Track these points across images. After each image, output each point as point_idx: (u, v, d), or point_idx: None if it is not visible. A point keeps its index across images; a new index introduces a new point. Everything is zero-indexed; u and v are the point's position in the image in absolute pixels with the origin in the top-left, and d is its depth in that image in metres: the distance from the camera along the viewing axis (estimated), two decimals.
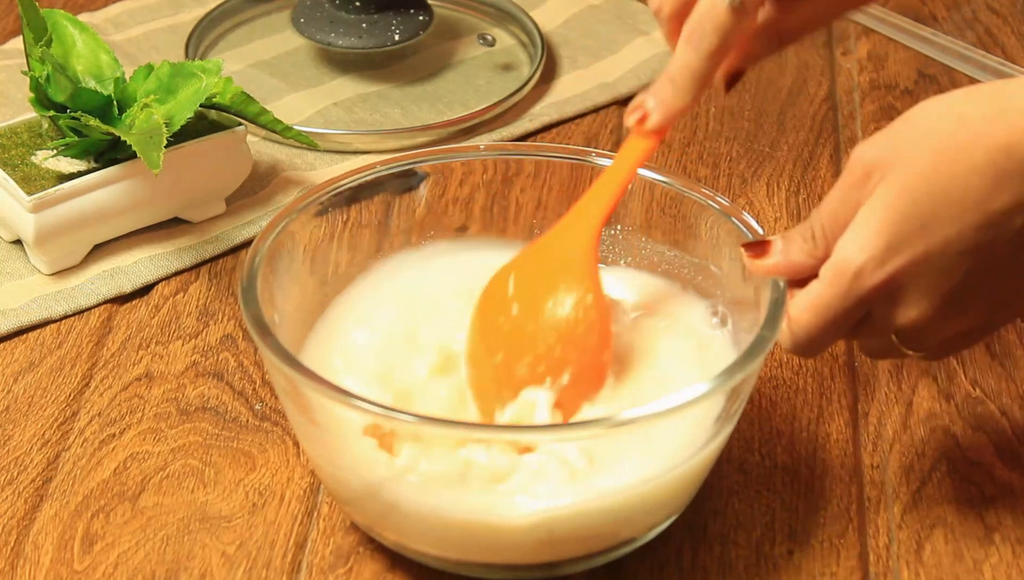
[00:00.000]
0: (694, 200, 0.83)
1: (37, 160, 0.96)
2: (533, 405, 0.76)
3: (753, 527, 0.81)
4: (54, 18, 0.97)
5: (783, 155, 1.07)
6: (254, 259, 0.78)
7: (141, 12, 1.20)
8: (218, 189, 1.00)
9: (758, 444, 0.85)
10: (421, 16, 1.13)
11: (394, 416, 0.71)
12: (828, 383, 0.89)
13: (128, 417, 0.87)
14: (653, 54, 1.16)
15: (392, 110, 1.10)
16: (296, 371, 0.72)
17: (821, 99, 1.13)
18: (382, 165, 0.84)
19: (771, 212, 1.01)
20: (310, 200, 0.82)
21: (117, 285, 0.95)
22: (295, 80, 1.12)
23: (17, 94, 1.09)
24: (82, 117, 0.93)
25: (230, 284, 0.96)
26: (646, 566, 0.79)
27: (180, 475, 0.83)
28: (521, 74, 1.13)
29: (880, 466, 0.84)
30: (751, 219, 0.80)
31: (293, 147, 1.06)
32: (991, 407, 0.87)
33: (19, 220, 0.94)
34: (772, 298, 0.76)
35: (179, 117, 0.94)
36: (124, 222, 0.97)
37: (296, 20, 1.13)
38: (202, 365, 0.90)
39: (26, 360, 0.90)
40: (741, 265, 0.78)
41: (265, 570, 0.78)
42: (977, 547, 0.80)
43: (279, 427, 0.86)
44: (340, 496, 0.78)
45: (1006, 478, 0.83)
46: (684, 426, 0.74)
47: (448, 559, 0.77)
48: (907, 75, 1.15)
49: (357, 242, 0.85)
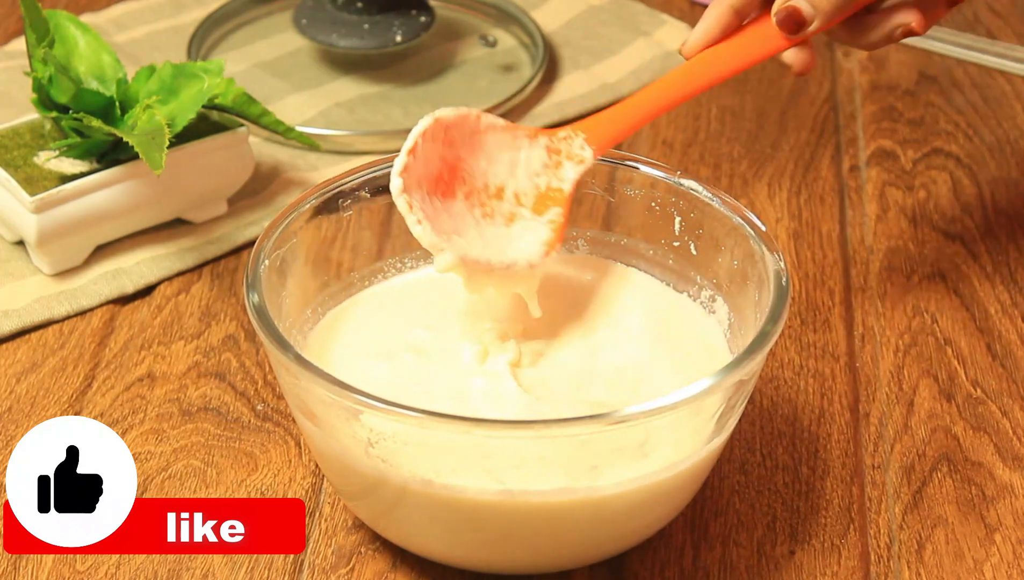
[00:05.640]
0: (695, 198, 0.83)
1: (39, 161, 0.96)
2: (499, 377, 0.78)
3: (754, 527, 0.81)
4: (56, 19, 0.97)
5: (784, 155, 1.07)
6: (257, 259, 0.78)
7: (143, 13, 1.20)
8: (220, 190, 1.00)
9: (759, 444, 0.85)
10: (423, 17, 1.13)
11: (398, 411, 0.71)
12: (829, 383, 0.89)
13: (130, 417, 0.87)
14: (654, 55, 1.16)
15: (394, 111, 1.10)
16: (301, 366, 0.72)
17: (822, 100, 1.13)
18: (385, 163, 0.84)
19: (772, 212, 1.01)
20: (311, 199, 0.82)
21: (119, 286, 0.95)
22: (297, 81, 1.13)
23: (20, 95, 1.09)
24: (84, 118, 0.93)
25: (232, 285, 0.96)
26: (647, 566, 0.79)
27: (182, 475, 0.83)
28: (522, 75, 1.13)
29: (881, 466, 0.84)
30: (752, 215, 0.80)
31: (295, 148, 1.06)
32: (992, 407, 0.87)
33: (21, 221, 0.94)
34: (773, 296, 0.76)
35: (181, 118, 0.94)
36: (126, 223, 0.97)
37: (298, 21, 1.13)
38: (204, 365, 0.90)
39: (29, 360, 0.90)
40: (738, 261, 0.78)
41: (267, 570, 0.78)
42: (978, 547, 0.80)
43: (281, 427, 0.86)
44: (344, 491, 0.78)
45: (1006, 478, 0.83)
46: (685, 424, 0.74)
47: (452, 555, 0.77)
48: (908, 76, 1.15)
49: (359, 242, 0.85)
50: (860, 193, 1.04)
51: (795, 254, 0.98)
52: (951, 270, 0.97)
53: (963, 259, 0.98)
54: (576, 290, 0.85)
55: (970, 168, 1.06)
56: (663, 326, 0.83)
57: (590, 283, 0.86)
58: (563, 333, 0.82)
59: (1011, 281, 0.96)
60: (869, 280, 0.96)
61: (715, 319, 0.83)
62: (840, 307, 0.94)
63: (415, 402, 0.73)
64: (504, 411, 0.77)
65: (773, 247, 0.79)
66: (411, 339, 0.82)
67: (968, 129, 1.10)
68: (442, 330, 0.82)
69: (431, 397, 0.78)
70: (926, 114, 1.11)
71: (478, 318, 0.82)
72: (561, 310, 0.84)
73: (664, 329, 0.82)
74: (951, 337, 0.92)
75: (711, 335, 0.82)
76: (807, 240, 0.99)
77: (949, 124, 1.10)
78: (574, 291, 0.85)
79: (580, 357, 0.81)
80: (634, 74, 1.14)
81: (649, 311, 0.84)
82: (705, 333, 0.82)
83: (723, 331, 0.82)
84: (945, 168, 1.06)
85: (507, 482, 0.73)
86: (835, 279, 0.96)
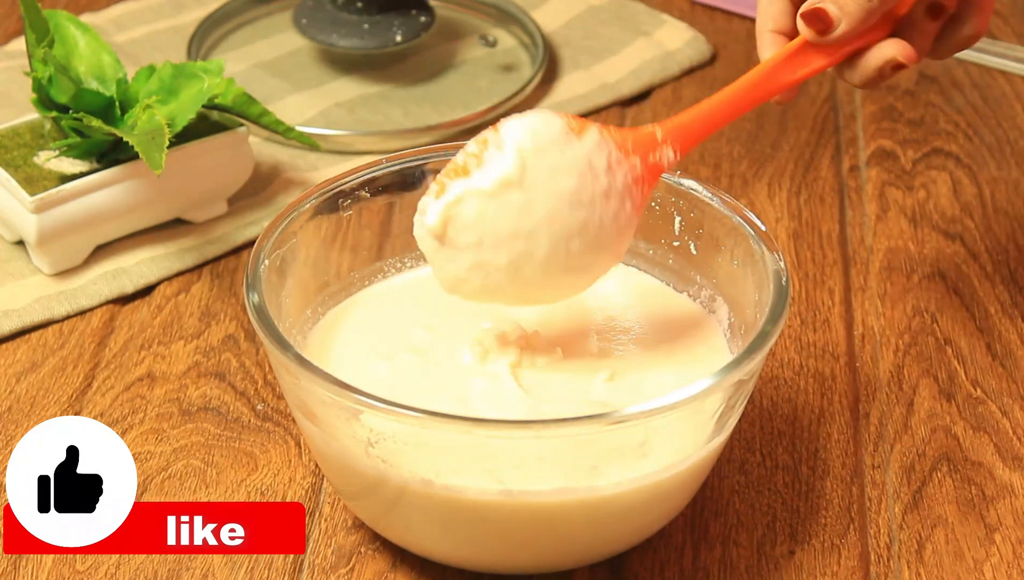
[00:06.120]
0: (695, 197, 0.83)
1: (39, 161, 0.96)
2: (499, 377, 0.78)
3: (754, 527, 0.81)
4: (56, 19, 0.97)
5: (784, 155, 1.07)
6: (257, 258, 0.78)
7: (143, 13, 1.20)
8: (220, 190, 1.00)
9: (759, 444, 0.85)
10: (423, 17, 1.13)
11: (398, 411, 0.71)
12: (829, 383, 0.89)
13: (130, 417, 0.87)
14: (654, 55, 1.16)
15: (394, 111, 1.10)
16: (301, 366, 0.72)
17: (822, 100, 1.13)
18: (387, 161, 0.84)
19: (772, 212, 1.01)
20: (311, 199, 0.82)
21: (119, 285, 0.95)
22: (297, 81, 1.13)
23: (19, 95, 1.09)
24: (84, 118, 0.93)
25: (232, 285, 0.96)
26: (647, 566, 0.79)
27: (182, 475, 0.83)
28: (522, 75, 1.13)
29: (881, 466, 0.84)
30: (752, 215, 0.80)
31: (295, 148, 1.06)
32: (992, 407, 0.87)
33: (21, 221, 0.94)
34: (773, 296, 0.76)
35: (181, 118, 0.94)
36: (126, 223, 0.97)
37: (298, 21, 1.13)
38: (204, 365, 0.90)
39: (28, 360, 0.90)
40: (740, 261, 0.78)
41: (267, 570, 0.78)
42: (978, 547, 0.80)
43: (281, 427, 0.86)
44: (344, 491, 0.78)
45: (1006, 478, 0.83)
46: (685, 424, 0.74)
47: (452, 555, 0.77)
48: (908, 76, 1.15)
49: (359, 242, 0.85)
50: (860, 193, 1.04)
51: (795, 254, 0.98)
52: (951, 270, 0.97)
53: (963, 259, 0.98)
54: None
55: (970, 168, 1.06)
56: (663, 326, 0.83)
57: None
58: (563, 333, 0.82)
59: (1011, 281, 0.96)
60: (869, 280, 0.96)
61: (715, 319, 0.83)
62: (840, 307, 0.94)
63: (415, 402, 0.73)
64: (504, 411, 0.77)
65: (773, 247, 0.79)
66: (411, 339, 0.82)
67: (968, 129, 1.10)
68: (442, 330, 0.82)
69: (431, 397, 0.78)
70: (926, 114, 1.11)
71: (478, 318, 0.82)
72: (561, 310, 0.84)
73: (664, 329, 0.83)
74: (951, 337, 0.92)
75: (711, 335, 0.82)
76: (807, 240, 0.99)
77: (949, 124, 1.10)
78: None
79: (580, 357, 0.81)
80: (634, 74, 1.14)
81: (649, 311, 0.84)
82: (705, 333, 0.82)
83: (723, 331, 0.82)
84: (945, 168, 1.06)
85: (507, 482, 0.73)
86: (835, 279, 0.96)
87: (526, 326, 0.82)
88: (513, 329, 0.81)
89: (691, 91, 1.13)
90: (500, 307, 0.83)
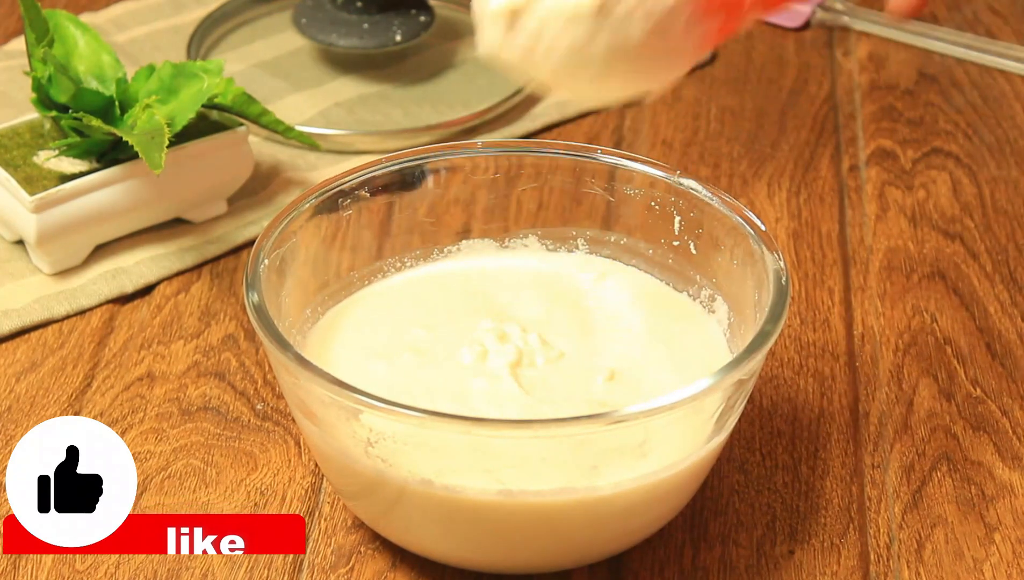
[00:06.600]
0: (694, 197, 0.83)
1: (39, 160, 0.96)
2: (499, 377, 0.78)
3: (754, 527, 0.81)
4: (56, 19, 0.97)
5: (784, 155, 1.07)
6: (257, 258, 0.78)
7: (143, 12, 1.20)
8: (220, 189, 1.00)
9: (759, 444, 0.85)
10: (423, 17, 1.13)
11: (398, 411, 0.71)
12: (829, 383, 0.89)
13: (130, 417, 0.87)
14: None
15: (394, 110, 1.10)
16: (301, 366, 0.72)
17: (822, 99, 1.13)
18: (387, 161, 0.84)
19: (772, 212, 1.01)
20: (311, 199, 0.82)
21: (119, 285, 0.95)
22: (297, 80, 1.13)
23: (19, 95, 1.09)
24: (84, 117, 0.93)
25: (232, 284, 0.96)
26: (647, 565, 0.79)
27: (182, 475, 0.83)
28: None
29: (881, 466, 0.84)
30: (752, 215, 0.80)
31: (295, 147, 1.06)
32: (991, 407, 0.87)
33: (21, 220, 0.94)
34: (773, 295, 0.76)
35: (181, 117, 0.94)
36: (126, 222, 0.97)
37: (298, 20, 1.13)
38: (204, 365, 0.90)
39: (28, 360, 0.90)
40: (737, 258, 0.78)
41: (267, 570, 0.78)
42: (977, 547, 0.80)
43: (280, 427, 0.86)
44: (344, 491, 0.78)
45: (1006, 477, 0.83)
46: (685, 423, 0.74)
47: (452, 555, 0.77)
48: (908, 75, 1.15)
49: (359, 241, 0.85)
50: (860, 193, 1.04)
51: (795, 254, 0.98)
52: (951, 270, 0.97)
53: (963, 259, 0.98)
54: (576, 290, 0.85)
55: (970, 168, 1.06)
56: (663, 326, 0.83)
57: (590, 283, 0.86)
58: (563, 333, 0.82)
59: (1011, 281, 0.96)
60: (869, 280, 0.96)
61: (715, 319, 0.83)
62: (840, 307, 0.94)
63: (415, 402, 0.73)
64: (504, 411, 0.77)
65: (773, 247, 0.79)
66: (411, 339, 0.82)
67: (968, 129, 1.10)
68: (442, 330, 0.82)
69: (431, 397, 0.78)
70: (926, 114, 1.11)
71: (478, 318, 0.82)
72: (561, 310, 0.84)
73: (664, 329, 0.83)
74: (951, 336, 0.92)
75: (711, 335, 0.82)
76: (807, 240, 0.99)
77: (949, 124, 1.10)
78: (574, 291, 0.85)
79: (580, 357, 0.81)
80: None
81: (649, 311, 0.84)
82: (705, 333, 0.82)
83: (723, 331, 0.82)
84: (945, 168, 1.06)
85: (507, 482, 0.73)
86: (835, 279, 0.96)
87: (526, 326, 0.82)
88: (513, 329, 0.81)
89: (691, 91, 1.13)
90: (500, 307, 0.83)
